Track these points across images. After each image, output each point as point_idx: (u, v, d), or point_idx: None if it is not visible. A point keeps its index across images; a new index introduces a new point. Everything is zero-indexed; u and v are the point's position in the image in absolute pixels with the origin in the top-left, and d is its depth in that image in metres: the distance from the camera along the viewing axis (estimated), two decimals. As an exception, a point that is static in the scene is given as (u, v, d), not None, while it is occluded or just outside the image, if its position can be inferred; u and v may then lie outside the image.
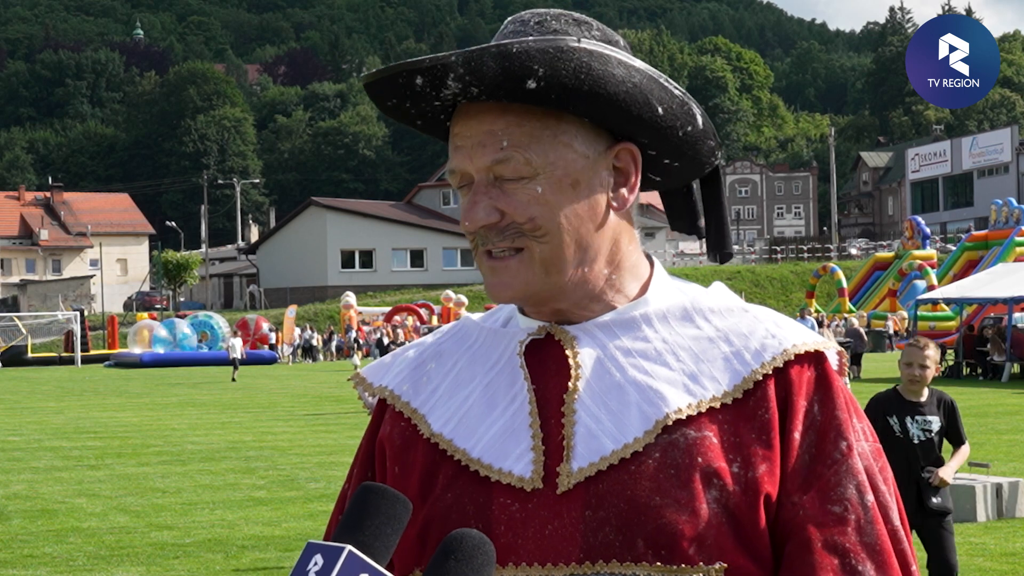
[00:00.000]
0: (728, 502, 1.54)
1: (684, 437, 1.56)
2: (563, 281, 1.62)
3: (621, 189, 1.66)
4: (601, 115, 1.61)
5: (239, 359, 38.78)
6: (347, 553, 1.29)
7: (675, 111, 1.64)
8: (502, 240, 1.60)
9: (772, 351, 1.61)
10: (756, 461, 1.56)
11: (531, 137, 1.60)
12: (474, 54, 1.55)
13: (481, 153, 1.60)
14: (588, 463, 1.56)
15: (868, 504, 1.57)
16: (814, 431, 1.59)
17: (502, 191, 1.60)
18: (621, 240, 1.66)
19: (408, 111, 1.65)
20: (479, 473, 1.59)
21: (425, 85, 1.58)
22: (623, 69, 1.59)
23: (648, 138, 1.65)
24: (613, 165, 1.65)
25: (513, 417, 1.61)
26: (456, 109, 1.64)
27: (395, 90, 1.61)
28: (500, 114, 1.60)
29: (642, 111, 1.61)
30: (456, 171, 1.64)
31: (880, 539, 1.56)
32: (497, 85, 1.56)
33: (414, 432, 1.67)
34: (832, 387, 1.63)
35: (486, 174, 1.61)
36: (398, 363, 1.76)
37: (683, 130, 1.66)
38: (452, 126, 1.65)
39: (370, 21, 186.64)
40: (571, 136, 1.61)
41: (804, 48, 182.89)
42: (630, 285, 1.67)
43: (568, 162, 1.61)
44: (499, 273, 1.62)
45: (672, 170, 1.71)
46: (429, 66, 1.56)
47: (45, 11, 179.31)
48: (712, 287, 1.71)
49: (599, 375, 1.61)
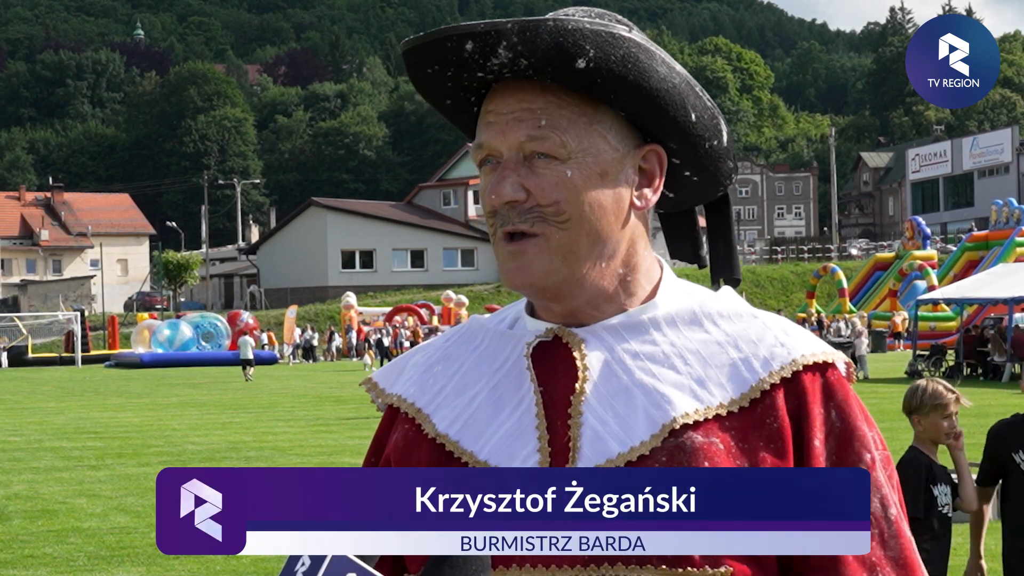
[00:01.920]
0: None
1: (691, 441, 1.55)
2: (580, 273, 1.61)
3: (645, 189, 1.66)
4: (639, 109, 1.61)
5: (251, 359, 37.42)
6: (331, 556, 1.29)
7: (706, 122, 1.65)
8: (522, 221, 1.59)
9: (781, 360, 1.61)
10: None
11: (569, 120, 1.59)
12: (530, 24, 1.54)
13: (517, 128, 1.58)
14: (594, 465, 1.55)
15: (892, 518, 1.57)
16: (834, 438, 1.59)
17: (531, 170, 1.59)
18: (638, 242, 1.67)
19: (445, 82, 1.63)
20: None
21: (475, 52, 1.55)
22: (666, 68, 1.60)
23: (677, 143, 1.65)
24: (640, 166, 1.65)
25: (520, 419, 1.61)
26: (492, 88, 1.62)
27: (440, 56, 1.58)
28: (540, 93, 1.59)
29: (677, 113, 1.61)
30: (485, 146, 1.62)
31: (904, 552, 1.56)
32: (548, 60, 1.54)
33: (418, 432, 1.66)
34: (847, 395, 1.62)
35: (517, 151, 1.59)
36: (408, 368, 1.75)
37: (710, 143, 1.66)
38: (486, 103, 1.63)
39: (370, 21, 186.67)
40: (606, 127, 1.61)
41: (804, 48, 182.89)
42: (642, 288, 1.67)
43: (600, 152, 1.60)
44: (517, 258, 1.60)
45: (690, 185, 1.71)
46: (483, 31, 1.54)
47: (46, 11, 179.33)
48: (721, 291, 1.70)
49: (606, 378, 1.60)
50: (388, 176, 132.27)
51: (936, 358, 32.56)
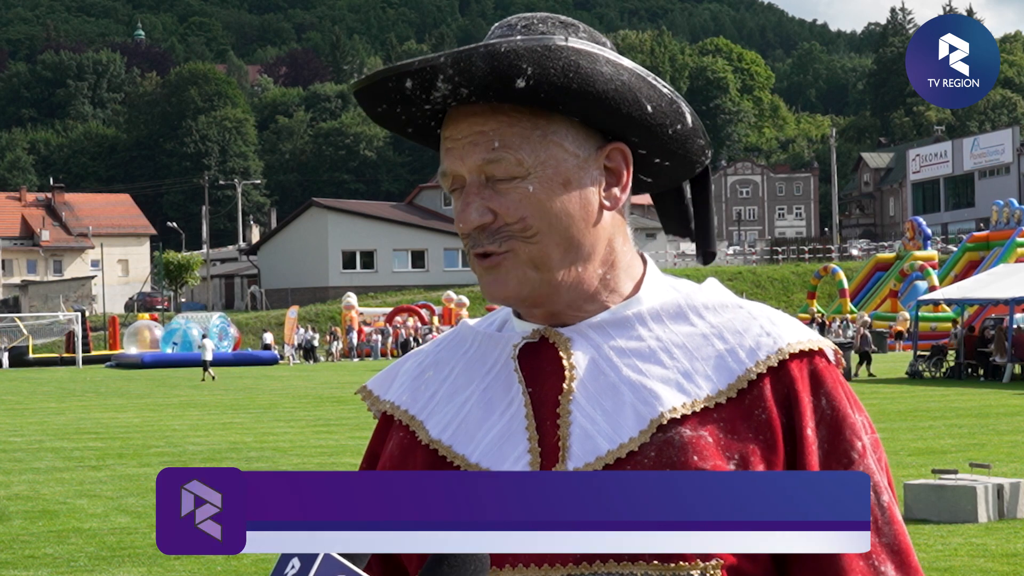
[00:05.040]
0: None
1: (679, 436, 1.55)
2: (556, 280, 1.61)
3: (613, 188, 1.66)
4: (590, 114, 1.61)
5: (210, 360, 39.69)
6: (323, 555, 1.30)
7: (664, 109, 1.64)
8: (491, 243, 1.61)
9: (767, 349, 1.61)
10: (754, 460, 1.55)
11: (522, 137, 1.59)
12: (463, 54, 1.55)
13: (472, 152, 1.60)
14: (583, 463, 1.56)
15: (884, 504, 1.58)
16: (825, 426, 1.59)
17: (494, 191, 1.60)
18: (615, 240, 1.66)
19: (398, 117, 1.65)
20: None
21: (415, 88, 1.58)
22: (611, 67, 1.60)
23: (638, 137, 1.65)
24: (605, 165, 1.65)
25: (510, 421, 1.61)
26: (447, 113, 1.64)
27: (385, 95, 1.61)
28: (490, 114, 1.60)
29: (631, 109, 1.61)
30: (448, 173, 1.64)
31: (897, 538, 1.57)
32: (486, 85, 1.56)
33: (412, 439, 1.68)
34: (836, 382, 1.62)
35: (478, 174, 1.61)
36: (401, 375, 1.77)
37: (673, 128, 1.65)
38: (443, 129, 1.65)
39: (371, 22, 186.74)
40: (561, 136, 1.61)
41: (805, 49, 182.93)
42: (624, 284, 1.67)
43: (559, 161, 1.61)
44: (492, 272, 1.62)
45: (663, 170, 1.71)
46: (418, 68, 1.56)
47: (46, 12, 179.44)
48: (705, 283, 1.70)
49: (593, 376, 1.61)
50: (389, 176, 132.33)
51: (937, 359, 32.55)
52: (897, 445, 16.19)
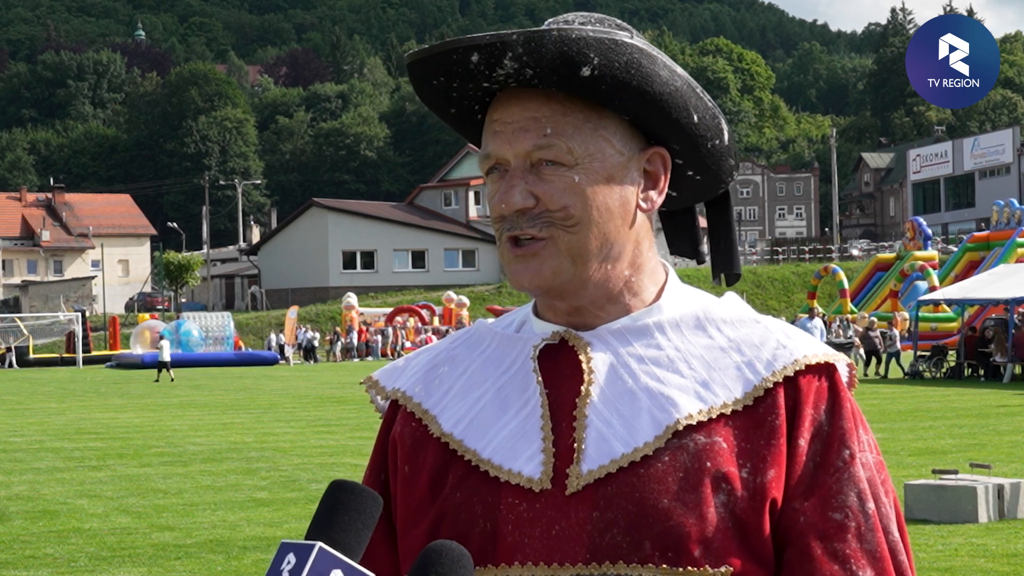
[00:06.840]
0: (735, 506, 1.55)
1: (694, 442, 1.57)
2: (587, 274, 1.63)
3: (650, 191, 1.68)
4: (642, 113, 1.63)
5: (167, 362, 39.63)
6: (317, 550, 1.31)
7: (708, 122, 1.67)
8: (531, 227, 1.61)
9: (783, 360, 1.63)
10: (765, 467, 1.57)
11: (574, 127, 1.61)
12: (535, 35, 1.56)
13: (523, 138, 1.61)
14: (598, 465, 1.57)
15: (869, 512, 1.58)
16: (820, 440, 1.60)
17: (539, 177, 1.61)
18: (643, 244, 1.68)
19: (450, 93, 1.65)
20: (488, 473, 1.60)
21: (480, 63, 1.58)
22: (667, 71, 1.62)
23: (680, 145, 1.67)
24: (644, 168, 1.67)
25: (525, 420, 1.62)
26: (496, 97, 1.65)
27: (447, 67, 1.60)
28: (544, 101, 1.61)
29: (680, 115, 1.63)
30: (492, 155, 1.64)
31: (880, 547, 1.57)
32: (553, 69, 1.57)
33: (424, 432, 1.68)
34: (840, 398, 1.64)
35: (524, 160, 1.61)
36: (412, 367, 1.77)
37: (712, 142, 1.68)
38: (491, 112, 1.65)
39: (371, 22, 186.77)
40: (611, 132, 1.63)
41: (805, 49, 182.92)
42: (647, 289, 1.68)
43: (606, 156, 1.62)
44: (525, 260, 1.62)
45: (693, 183, 1.73)
46: (489, 43, 1.56)
47: (47, 12, 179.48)
48: (724, 297, 1.72)
49: (612, 381, 1.62)
50: (389, 177, 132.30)
51: (937, 359, 32.55)
52: (897, 445, 16.19)
